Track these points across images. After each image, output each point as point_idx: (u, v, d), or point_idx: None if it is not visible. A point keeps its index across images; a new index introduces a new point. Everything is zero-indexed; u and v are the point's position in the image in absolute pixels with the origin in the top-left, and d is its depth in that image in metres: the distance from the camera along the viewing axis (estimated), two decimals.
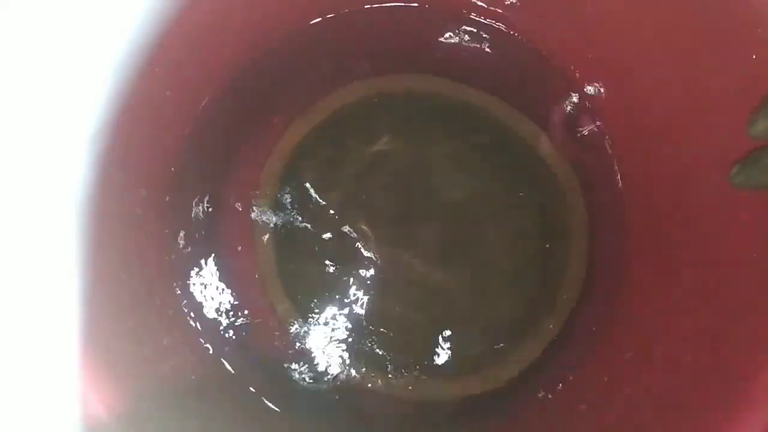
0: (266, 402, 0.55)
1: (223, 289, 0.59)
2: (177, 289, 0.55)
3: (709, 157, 0.47)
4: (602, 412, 0.49)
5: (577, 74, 0.58)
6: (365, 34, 0.61)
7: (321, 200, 0.60)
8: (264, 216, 0.60)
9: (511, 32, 0.59)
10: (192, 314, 0.56)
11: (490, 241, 0.60)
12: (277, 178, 0.60)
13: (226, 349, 0.57)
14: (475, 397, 0.57)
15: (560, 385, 0.54)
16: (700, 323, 0.45)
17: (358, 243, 0.59)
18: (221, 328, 0.58)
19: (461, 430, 0.56)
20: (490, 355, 0.58)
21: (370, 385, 0.57)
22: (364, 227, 0.59)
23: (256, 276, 0.59)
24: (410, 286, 0.59)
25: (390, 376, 0.57)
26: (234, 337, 0.58)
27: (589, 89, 0.58)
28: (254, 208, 0.60)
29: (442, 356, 0.58)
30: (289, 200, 0.60)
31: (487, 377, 0.57)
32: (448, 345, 0.58)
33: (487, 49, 0.61)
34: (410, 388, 0.57)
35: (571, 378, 0.54)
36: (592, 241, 0.59)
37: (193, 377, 0.51)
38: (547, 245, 0.59)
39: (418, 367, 0.57)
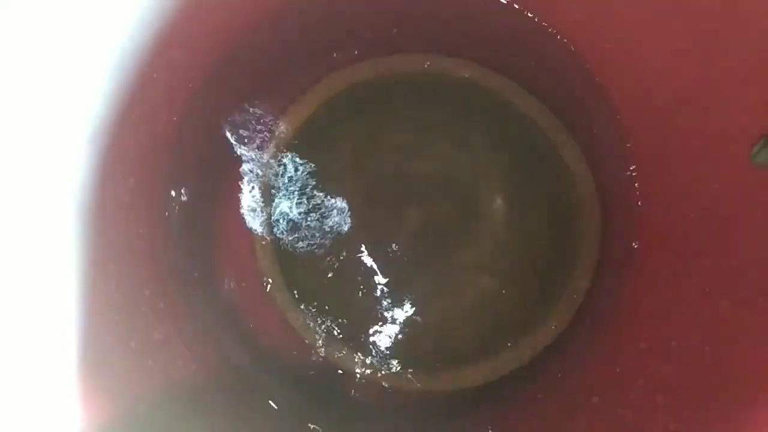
0: (266, 397, 0.54)
1: (218, 279, 0.57)
2: (169, 279, 0.53)
3: (727, 135, 0.45)
4: (616, 405, 0.47)
5: (584, 47, 0.55)
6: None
7: (324, 189, 0.58)
8: (260, 202, 0.58)
9: (515, 5, 0.56)
10: (186, 305, 0.54)
11: (498, 226, 0.58)
12: (275, 164, 0.58)
13: (224, 341, 0.55)
14: (478, 391, 0.55)
15: (571, 377, 0.52)
16: (720, 312, 0.43)
17: (361, 230, 0.57)
18: (217, 319, 0.56)
19: (461, 424, 0.54)
20: (493, 347, 0.56)
21: (376, 378, 0.55)
22: (368, 214, 0.58)
23: (254, 264, 0.58)
24: (418, 272, 0.57)
25: (396, 368, 0.56)
26: (231, 328, 0.56)
27: (599, 63, 0.55)
28: (251, 194, 0.58)
29: (442, 349, 0.56)
30: (287, 186, 0.58)
31: (492, 369, 0.55)
32: (449, 337, 0.56)
33: (489, 24, 0.58)
34: (419, 383, 0.55)
35: (582, 369, 0.52)
36: (603, 226, 0.56)
37: (186, 372, 0.49)
38: (558, 231, 0.57)
39: (416, 358, 0.56)
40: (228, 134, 0.58)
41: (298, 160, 0.58)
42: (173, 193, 0.55)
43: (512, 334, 0.56)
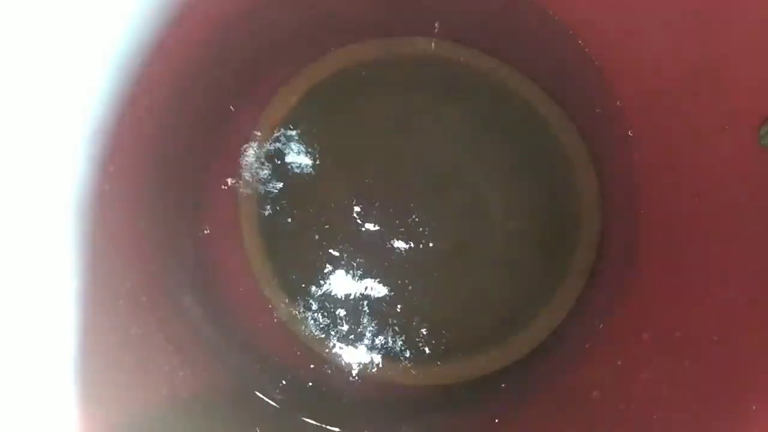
0: (255, 393, 0.52)
1: (204, 273, 0.55)
2: (152, 272, 0.51)
3: (733, 117, 0.43)
4: (617, 399, 0.45)
5: (582, 29, 0.54)
6: None
7: (314, 178, 0.56)
8: (249, 194, 0.56)
9: None
10: (169, 300, 0.52)
11: (496, 214, 0.56)
12: (263, 152, 0.57)
13: (209, 337, 0.53)
14: (475, 385, 0.54)
15: (570, 370, 0.50)
16: (727, 301, 0.42)
17: (353, 219, 0.56)
18: (203, 314, 0.54)
19: (462, 419, 0.53)
20: (491, 340, 0.54)
21: (370, 372, 0.54)
22: (361, 202, 0.56)
23: (242, 257, 0.56)
24: (411, 263, 0.55)
25: (391, 362, 0.54)
26: (216, 323, 0.54)
27: (597, 46, 0.53)
28: (239, 188, 0.56)
29: (437, 342, 0.55)
30: (275, 177, 0.56)
31: (490, 361, 0.54)
32: (443, 330, 0.55)
33: (487, 7, 0.56)
34: (413, 372, 0.54)
35: (581, 362, 0.50)
36: (604, 212, 0.55)
37: (168, 368, 0.47)
38: (558, 219, 0.56)
39: (414, 351, 0.54)
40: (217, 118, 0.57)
41: (290, 145, 0.57)
42: (157, 182, 0.53)
43: (510, 327, 0.55)
